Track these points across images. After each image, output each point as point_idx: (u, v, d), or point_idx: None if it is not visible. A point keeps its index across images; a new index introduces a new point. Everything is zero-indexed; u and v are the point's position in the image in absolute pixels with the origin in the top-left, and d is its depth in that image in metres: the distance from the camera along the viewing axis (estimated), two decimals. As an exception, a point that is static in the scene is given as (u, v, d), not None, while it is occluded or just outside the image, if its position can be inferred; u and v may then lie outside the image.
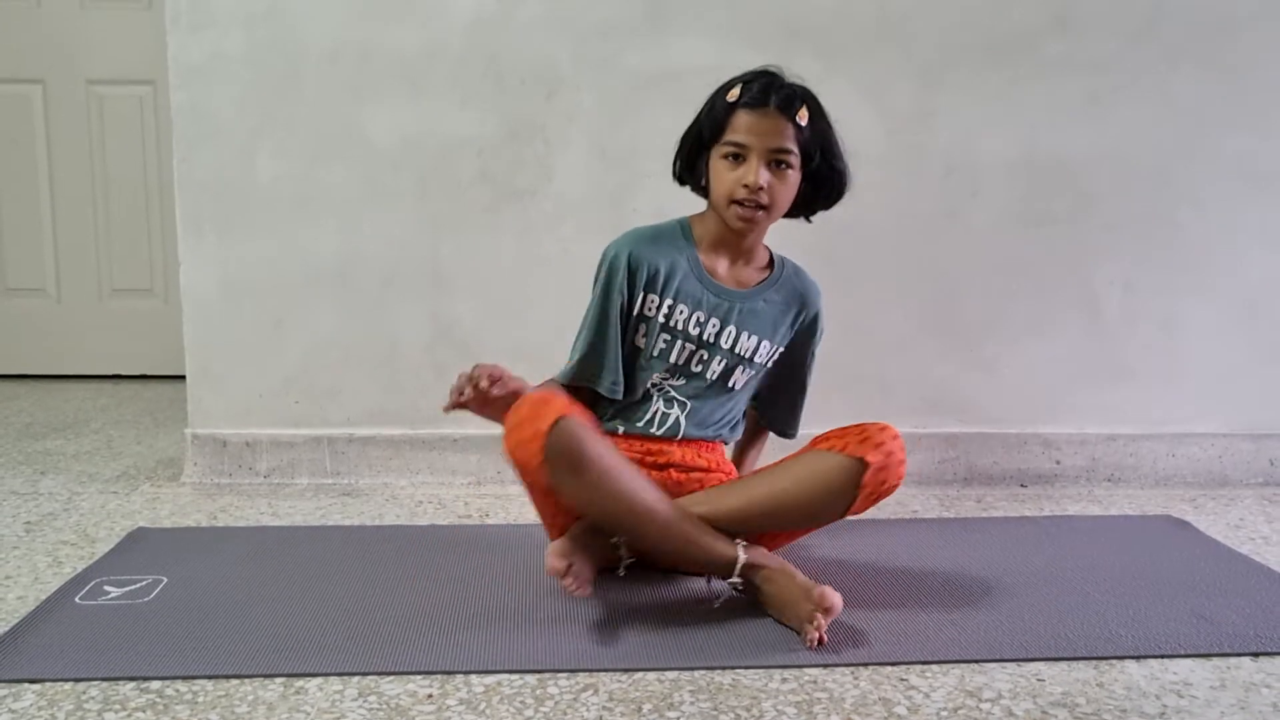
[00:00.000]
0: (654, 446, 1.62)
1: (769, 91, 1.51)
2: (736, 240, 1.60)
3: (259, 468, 2.17)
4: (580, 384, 1.60)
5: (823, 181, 1.58)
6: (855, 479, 1.45)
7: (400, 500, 2.04)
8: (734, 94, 1.52)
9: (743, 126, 1.50)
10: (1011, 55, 2.11)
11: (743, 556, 1.45)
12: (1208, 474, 2.21)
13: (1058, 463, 2.20)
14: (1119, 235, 2.16)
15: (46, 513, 1.94)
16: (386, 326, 2.14)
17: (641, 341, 1.60)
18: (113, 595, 1.51)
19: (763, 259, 1.66)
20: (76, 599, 1.50)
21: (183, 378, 2.18)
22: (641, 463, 1.57)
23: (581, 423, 1.39)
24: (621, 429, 1.62)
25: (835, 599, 1.35)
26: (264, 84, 2.08)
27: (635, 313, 1.58)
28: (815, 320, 1.70)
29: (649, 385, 1.62)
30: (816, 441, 1.54)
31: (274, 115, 2.09)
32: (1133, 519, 1.95)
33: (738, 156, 1.51)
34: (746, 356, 1.63)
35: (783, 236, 2.17)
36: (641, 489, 1.43)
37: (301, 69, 2.08)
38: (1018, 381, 2.19)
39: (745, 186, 1.50)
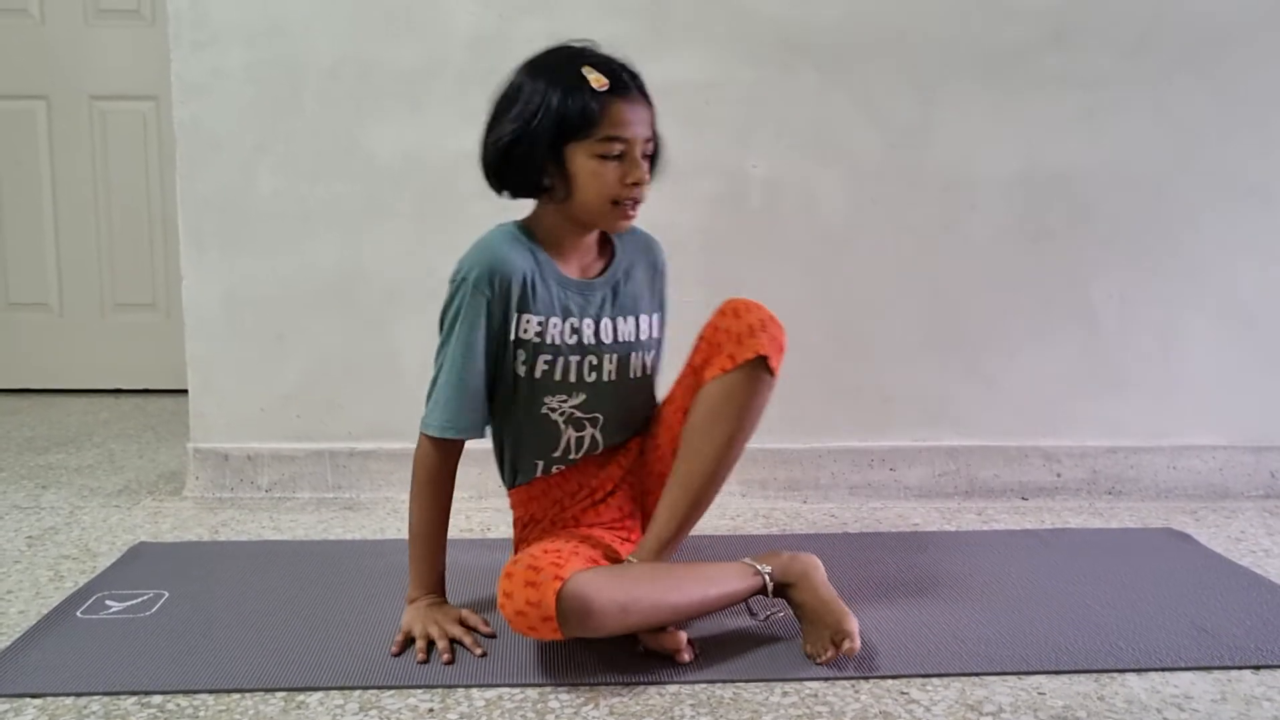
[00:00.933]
0: (593, 483, 1.53)
1: (624, 74, 1.38)
2: (583, 236, 1.47)
3: (260, 482, 2.17)
4: (459, 436, 1.43)
5: (655, 161, 1.45)
6: (766, 372, 1.42)
7: (402, 514, 2.04)
8: (600, 80, 1.34)
9: (620, 118, 1.35)
10: (1009, 70, 2.12)
11: (769, 581, 1.39)
12: (1208, 486, 2.21)
13: (1058, 475, 2.20)
14: (1117, 248, 2.17)
15: (48, 527, 1.94)
16: (387, 341, 2.15)
17: (521, 369, 1.44)
18: (114, 609, 1.51)
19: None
20: (78, 613, 1.50)
21: (185, 392, 2.18)
22: (590, 499, 1.53)
23: (581, 579, 1.26)
24: (540, 470, 1.50)
25: (856, 644, 1.30)
26: (266, 100, 2.09)
27: (511, 338, 1.42)
28: (665, 267, 1.59)
29: (546, 413, 1.47)
30: (700, 379, 1.46)
31: (276, 131, 2.10)
32: (1133, 531, 1.95)
33: (620, 154, 1.37)
34: (634, 340, 1.50)
35: (778, 249, 2.18)
36: (651, 593, 1.32)
37: (303, 85, 2.09)
38: (1018, 394, 2.19)
39: (633, 185, 1.38)
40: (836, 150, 2.13)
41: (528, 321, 1.43)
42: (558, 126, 1.35)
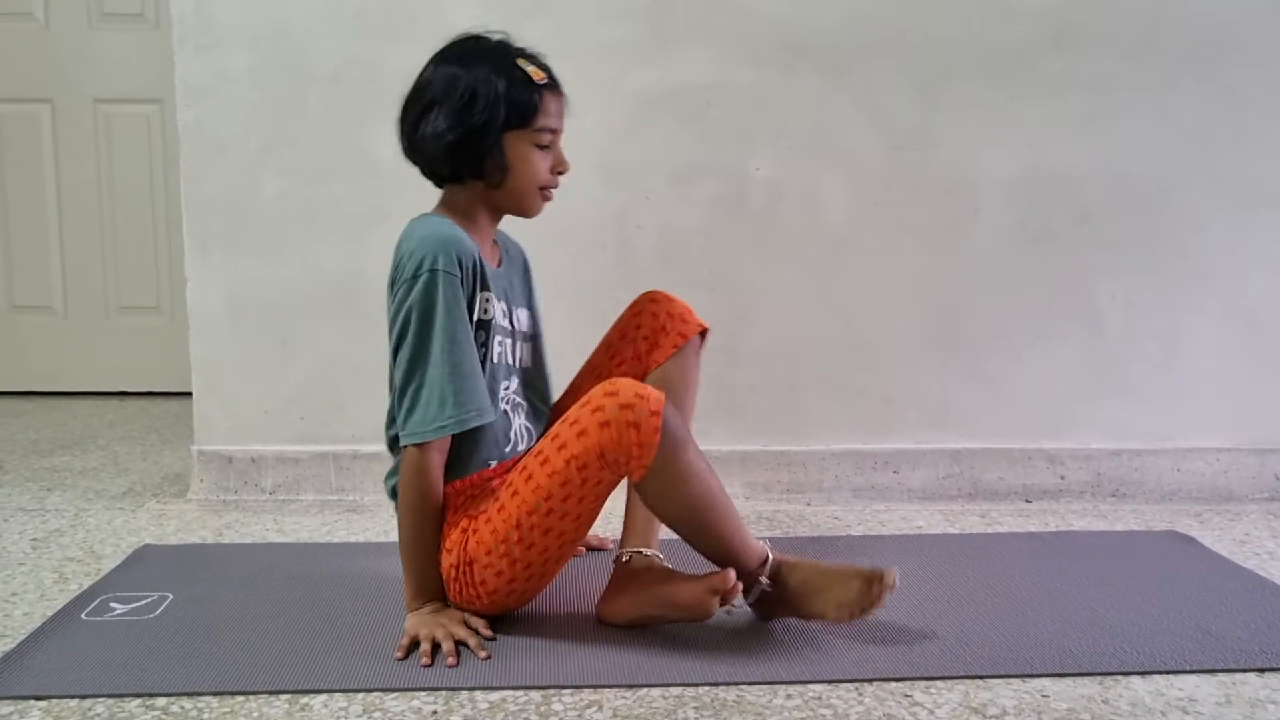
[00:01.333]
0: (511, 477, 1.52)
1: (551, 70, 1.46)
2: (494, 223, 1.52)
3: (264, 484, 2.17)
4: (481, 421, 1.40)
5: None
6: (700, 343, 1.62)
7: (405, 517, 2.04)
8: (538, 74, 1.42)
9: (553, 110, 1.44)
10: (1011, 72, 2.12)
11: (771, 555, 1.43)
12: (1213, 489, 2.20)
13: (1062, 478, 2.19)
14: (1120, 251, 2.17)
15: (53, 529, 1.94)
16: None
17: (480, 352, 1.44)
18: (118, 612, 1.52)
19: None
20: (82, 615, 1.50)
21: (189, 394, 2.19)
22: None
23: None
24: (494, 461, 1.48)
25: (895, 572, 1.36)
26: (269, 103, 2.10)
27: (476, 320, 1.43)
28: (530, 265, 1.65)
29: (501, 400, 1.48)
30: (645, 365, 1.60)
31: (279, 134, 2.10)
32: (1138, 534, 1.95)
33: (548, 144, 1.44)
34: (528, 332, 1.57)
35: (780, 251, 2.18)
36: (712, 488, 1.37)
37: (306, 88, 2.10)
38: (1021, 397, 2.19)
39: (559, 173, 1.47)
40: (838, 152, 2.13)
41: (487, 301, 1.44)
42: (505, 117, 1.40)
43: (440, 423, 1.38)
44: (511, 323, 1.52)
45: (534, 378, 1.60)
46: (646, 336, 1.61)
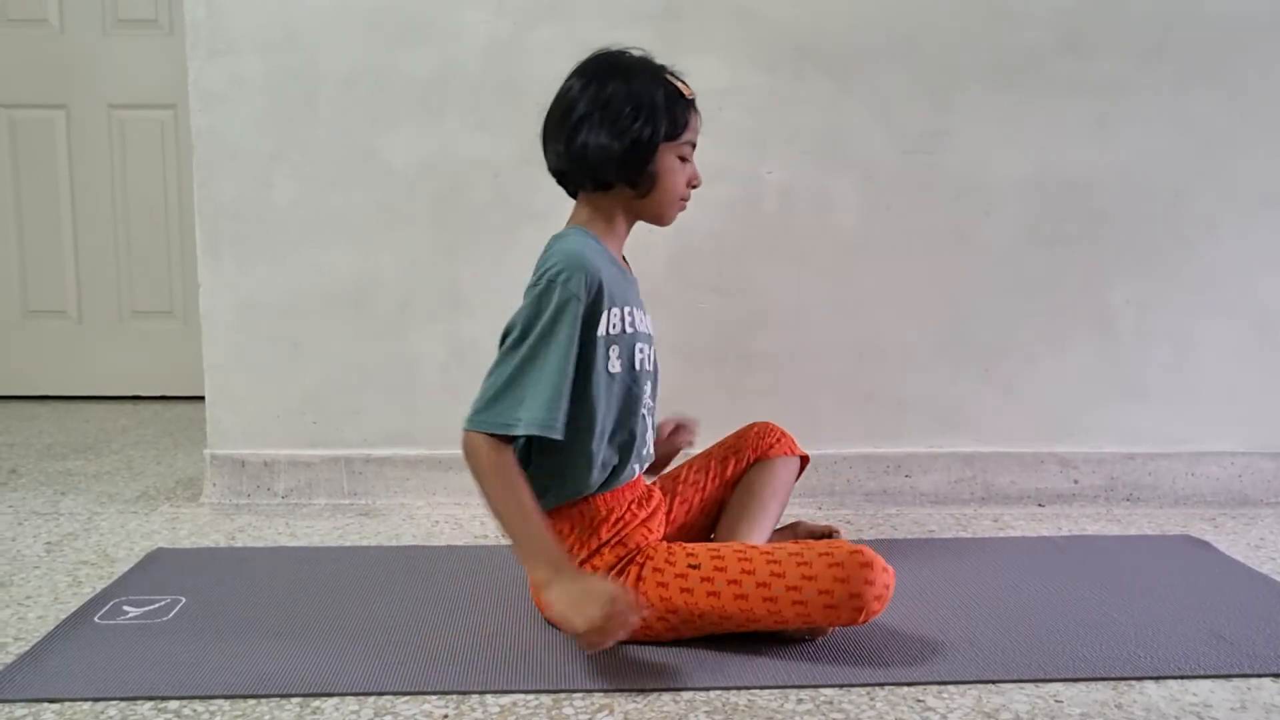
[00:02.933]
0: (647, 491, 1.55)
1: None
2: (624, 235, 1.54)
3: (277, 488, 2.18)
4: (557, 436, 1.37)
5: None
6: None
7: (417, 520, 2.05)
8: (687, 90, 1.48)
9: (695, 125, 1.49)
10: (1022, 75, 2.11)
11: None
12: (1227, 493, 2.19)
13: (1075, 482, 2.19)
14: (1132, 255, 2.16)
15: (67, 533, 1.95)
16: (403, 348, 2.16)
17: (617, 365, 1.44)
18: (132, 615, 1.52)
19: None
20: (96, 619, 1.51)
21: (202, 398, 2.20)
22: (649, 504, 1.53)
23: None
24: (639, 467, 1.53)
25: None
26: (282, 109, 2.10)
27: (600, 334, 1.41)
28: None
29: (642, 409, 1.50)
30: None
31: (292, 139, 2.11)
32: (1152, 539, 1.94)
33: (687, 158, 1.50)
34: (652, 334, 1.55)
35: (791, 254, 2.18)
36: None
37: (318, 94, 2.10)
38: (1034, 400, 2.18)
39: (694, 186, 1.52)
40: (850, 156, 2.13)
41: (615, 315, 1.43)
42: (664, 129, 1.44)
43: (526, 418, 1.34)
44: (645, 328, 1.52)
45: (656, 380, 1.58)
46: (754, 448, 1.72)
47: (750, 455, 1.70)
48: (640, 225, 1.54)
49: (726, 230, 2.14)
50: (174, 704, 1.25)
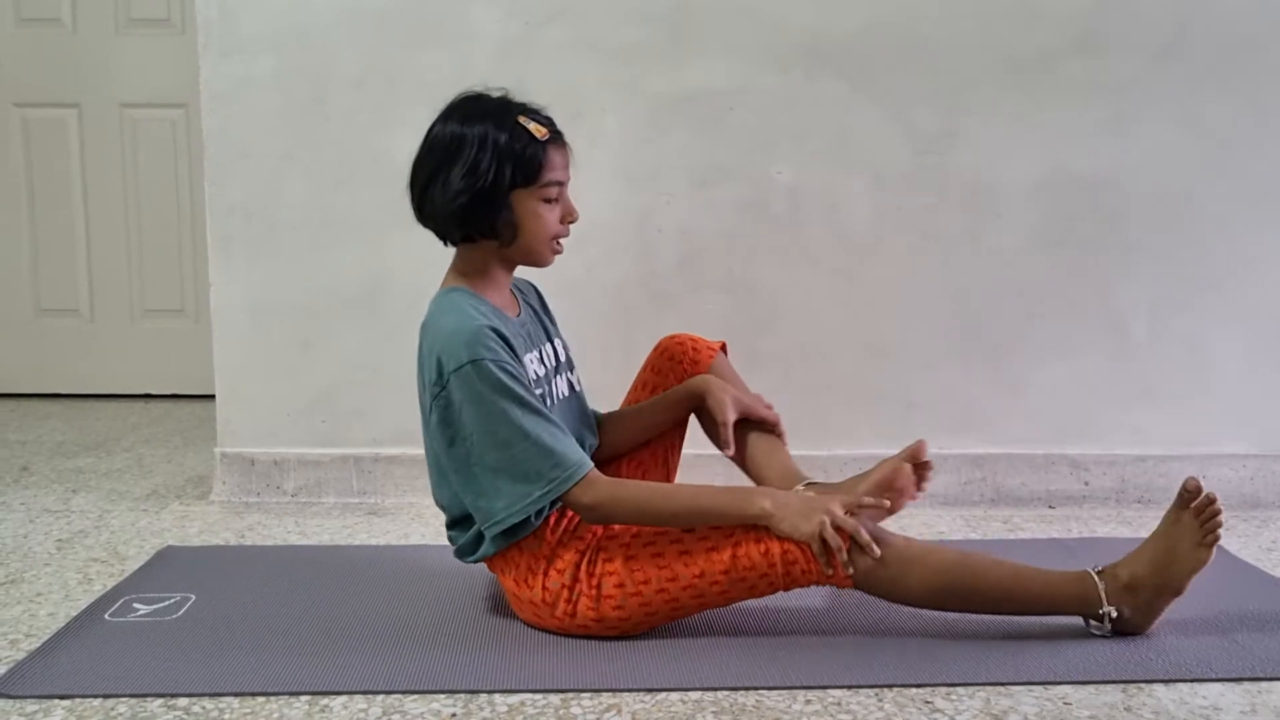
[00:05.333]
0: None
1: (553, 122, 1.46)
2: (509, 275, 1.54)
3: (286, 487, 2.18)
4: (591, 468, 1.41)
5: None
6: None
7: (426, 519, 2.05)
8: (541, 130, 1.42)
9: (559, 164, 1.44)
10: (1035, 76, 2.11)
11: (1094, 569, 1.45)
12: (1239, 496, 2.18)
13: (1086, 484, 2.18)
14: (1144, 256, 2.15)
15: (78, 530, 1.96)
16: (412, 347, 2.14)
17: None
18: (141, 613, 1.53)
19: None
20: (106, 616, 1.52)
21: (213, 397, 2.20)
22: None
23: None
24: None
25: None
26: (293, 109, 2.11)
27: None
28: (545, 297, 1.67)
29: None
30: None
31: (303, 139, 2.12)
32: (1162, 541, 1.93)
33: (556, 196, 1.45)
34: (565, 361, 1.60)
35: (801, 255, 2.17)
36: None
37: (329, 94, 2.11)
38: (1044, 402, 2.17)
39: (569, 222, 1.48)
40: (861, 157, 2.12)
41: (541, 354, 1.51)
42: (512, 175, 1.40)
43: (567, 474, 1.38)
44: (545, 362, 1.53)
45: (580, 403, 1.62)
46: (684, 368, 1.67)
47: (681, 377, 1.66)
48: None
49: (736, 231, 2.13)
50: (183, 701, 1.26)
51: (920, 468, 1.51)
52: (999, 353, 2.17)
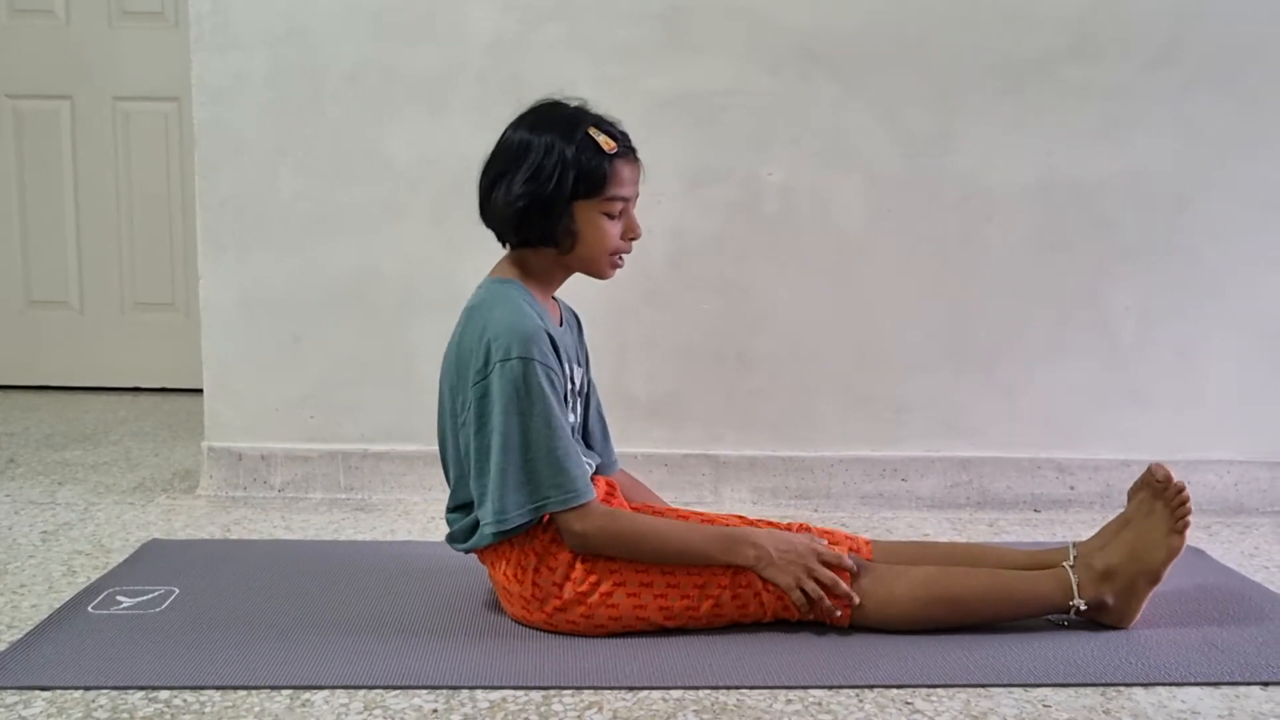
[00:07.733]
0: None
1: (627, 137, 1.47)
2: (556, 286, 1.54)
3: (274, 481, 2.18)
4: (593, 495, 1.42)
5: None
6: None
7: (413, 516, 2.05)
8: (610, 143, 1.42)
9: (627, 178, 1.44)
10: (1029, 80, 2.11)
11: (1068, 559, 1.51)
12: (1223, 501, 2.19)
13: (1072, 488, 2.19)
14: (1135, 261, 2.16)
15: (63, 522, 1.96)
16: (403, 343, 2.16)
17: (572, 416, 1.50)
18: (125, 605, 1.53)
19: None
20: (89, 608, 1.51)
21: (201, 391, 2.20)
22: None
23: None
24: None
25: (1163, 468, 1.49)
26: (285, 103, 2.11)
27: (564, 390, 1.46)
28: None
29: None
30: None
31: (295, 134, 2.12)
32: (1146, 546, 1.93)
33: (621, 211, 1.45)
34: (580, 389, 1.57)
35: (793, 257, 2.18)
36: None
37: (322, 89, 2.11)
38: (1032, 406, 2.18)
39: (632, 239, 1.48)
40: (854, 158, 2.13)
41: (571, 370, 1.49)
42: (572, 186, 1.40)
43: (579, 489, 1.40)
44: (572, 380, 1.52)
45: (584, 432, 1.61)
46: None
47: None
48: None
49: (727, 232, 2.14)
50: (165, 694, 1.26)
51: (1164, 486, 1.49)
52: (989, 356, 2.18)
